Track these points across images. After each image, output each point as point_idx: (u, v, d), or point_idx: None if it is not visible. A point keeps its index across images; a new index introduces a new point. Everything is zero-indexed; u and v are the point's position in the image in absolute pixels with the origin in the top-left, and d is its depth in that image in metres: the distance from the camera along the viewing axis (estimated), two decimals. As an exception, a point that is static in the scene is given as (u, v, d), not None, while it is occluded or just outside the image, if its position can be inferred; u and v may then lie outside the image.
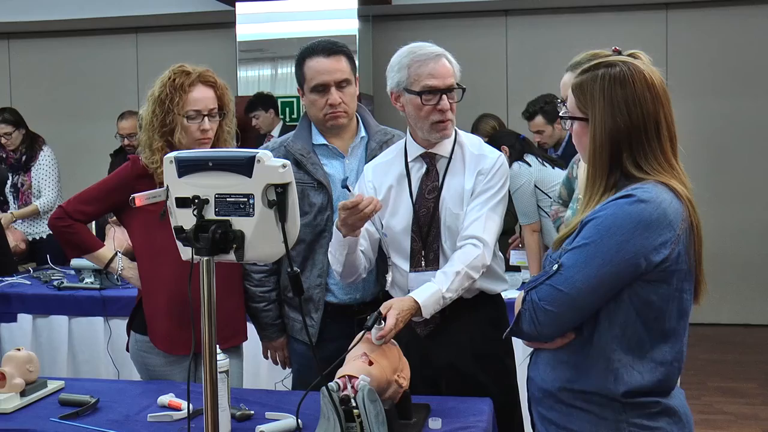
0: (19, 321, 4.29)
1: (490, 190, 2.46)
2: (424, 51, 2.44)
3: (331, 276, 2.68)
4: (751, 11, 6.98)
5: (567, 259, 1.68)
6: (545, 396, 1.78)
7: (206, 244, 1.57)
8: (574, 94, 1.78)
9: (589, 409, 1.71)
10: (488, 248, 2.39)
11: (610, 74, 1.72)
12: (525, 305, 1.72)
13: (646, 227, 1.62)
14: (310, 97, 2.68)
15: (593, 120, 1.73)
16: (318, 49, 2.66)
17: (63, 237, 2.74)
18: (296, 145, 2.71)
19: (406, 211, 2.51)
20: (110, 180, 2.75)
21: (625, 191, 1.67)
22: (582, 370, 1.71)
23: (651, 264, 1.63)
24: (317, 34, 6.47)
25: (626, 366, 1.67)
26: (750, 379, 5.50)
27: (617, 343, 1.67)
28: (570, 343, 1.73)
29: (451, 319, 2.48)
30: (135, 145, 5.25)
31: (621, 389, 1.67)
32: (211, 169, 1.63)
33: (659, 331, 1.68)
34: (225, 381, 2.08)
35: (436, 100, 2.42)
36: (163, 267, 2.60)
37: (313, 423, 2.04)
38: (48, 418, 2.26)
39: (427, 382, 2.51)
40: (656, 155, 1.70)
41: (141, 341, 2.72)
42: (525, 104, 5.09)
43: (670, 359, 1.70)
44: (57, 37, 8.10)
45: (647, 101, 1.70)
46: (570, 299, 1.65)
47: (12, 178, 5.43)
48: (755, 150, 6.90)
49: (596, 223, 1.66)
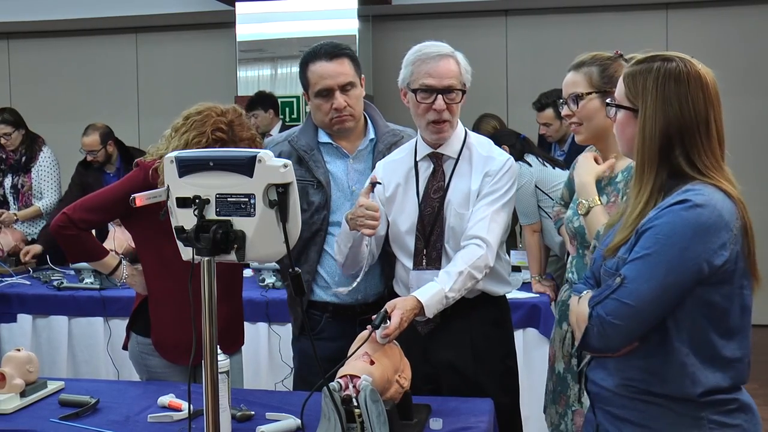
0: (19, 321, 4.29)
1: (497, 192, 2.45)
2: (429, 50, 2.44)
3: (332, 276, 2.68)
4: (751, 11, 6.97)
5: (629, 271, 1.67)
6: (616, 395, 1.77)
7: (207, 245, 1.57)
8: (626, 83, 1.77)
9: (669, 406, 1.71)
10: (491, 249, 2.38)
11: (666, 68, 1.72)
12: (592, 321, 1.71)
13: (705, 232, 1.62)
14: (315, 101, 2.66)
15: (643, 111, 1.72)
16: (321, 53, 2.64)
17: (67, 245, 2.69)
18: (300, 141, 2.71)
19: (412, 210, 2.51)
20: (119, 189, 2.65)
21: (678, 196, 1.66)
22: (657, 375, 1.71)
23: (713, 267, 1.64)
24: (317, 34, 6.46)
25: (700, 368, 1.67)
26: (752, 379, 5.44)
27: (688, 346, 1.68)
28: (639, 348, 1.73)
29: (452, 318, 2.48)
30: (100, 160, 5.20)
31: (698, 390, 1.68)
32: (212, 169, 1.62)
33: (725, 329, 1.69)
34: (225, 381, 2.07)
35: (431, 99, 2.41)
36: (173, 276, 2.55)
37: (313, 423, 2.03)
38: (48, 418, 2.25)
39: (427, 380, 2.51)
40: (707, 154, 1.70)
41: (143, 343, 2.71)
42: (525, 104, 5.09)
43: (740, 356, 1.71)
44: (56, 37, 8.08)
45: (700, 100, 1.70)
46: (637, 312, 1.65)
47: (12, 179, 5.41)
48: (756, 150, 6.89)
49: (655, 232, 1.65)
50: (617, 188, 2.33)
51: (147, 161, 2.62)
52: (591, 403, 1.88)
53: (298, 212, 1.63)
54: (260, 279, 4.26)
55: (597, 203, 2.28)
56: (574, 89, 2.39)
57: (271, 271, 4.20)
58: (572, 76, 2.41)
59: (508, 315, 2.64)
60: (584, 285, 1.88)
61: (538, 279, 4.02)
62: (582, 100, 2.36)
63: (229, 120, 2.58)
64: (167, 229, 2.52)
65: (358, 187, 2.67)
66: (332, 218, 2.67)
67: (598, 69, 2.36)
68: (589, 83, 2.36)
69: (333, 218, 2.67)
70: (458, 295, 2.32)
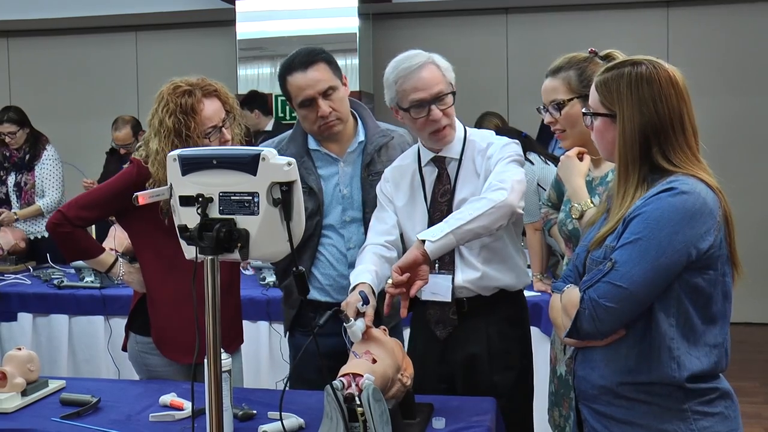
0: (19, 320, 4.28)
1: (503, 158, 2.39)
2: (407, 64, 2.39)
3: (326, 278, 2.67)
4: (751, 9, 6.97)
5: (620, 255, 1.71)
6: (602, 392, 1.81)
7: (210, 243, 1.56)
8: (599, 91, 1.83)
9: (652, 401, 1.75)
10: (512, 190, 2.25)
11: (637, 72, 1.78)
12: (584, 304, 1.74)
13: (692, 217, 1.68)
14: (301, 112, 2.63)
15: (621, 115, 1.78)
16: (295, 63, 2.60)
17: (63, 243, 2.68)
18: (289, 149, 2.67)
19: (421, 216, 2.48)
20: (112, 185, 2.67)
21: (664, 185, 1.72)
22: (643, 362, 1.75)
23: (700, 252, 1.69)
24: (317, 32, 6.46)
25: (685, 352, 1.73)
26: (752, 378, 5.49)
27: (674, 331, 1.73)
28: (626, 336, 1.77)
29: (469, 317, 2.45)
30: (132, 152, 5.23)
31: (684, 374, 1.72)
32: (216, 167, 1.62)
33: (708, 315, 1.75)
34: (227, 380, 2.06)
35: (425, 112, 2.39)
36: (171, 273, 2.57)
37: (314, 422, 2.03)
38: (49, 417, 2.24)
39: (444, 379, 2.49)
40: (683, 149, 1.77)
41: (142, 342, 2.70)
42: (526, 102, 5.08)
43: (721, 341, 1.77)
44: (56, 35, 8.07)
45: (672, 98, 1.77)
46: (629, 294, 1.69)
47: (15, 177, 5.42)
48: (756, 148, 6.89)
49: (643, 218, 1.70)
50: (608, 187, 2.32)
51: (136, 157, 2.64)
52: (576, 399, 1.91)
53: (302, 210, 1.62)
54: (261, 277, 4.25)
55: (589, 206, 2.26)
56: (554, 96, 2.36)
57: (272, 270, 4.19)
58: (550, 82, 2.38)
59: (525, 313, 2.59)
60: (563, 283, 1.91)
61: (540, 277, 4.00)
62: (564, 107, 2.34)
63: (180, 91, 2.57)
64: (164, 225, 2.53)
65: (348, 191, 2.66)
66: (325, 222, 2.66)
67: (576, 73, 2.33)
68: (569, 89, 2.33)
69: (326, 222, 2.66)
70: (465, 223, 2.18)
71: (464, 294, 2.44)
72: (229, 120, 2.65)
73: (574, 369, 1.91)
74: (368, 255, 2.40)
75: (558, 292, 1.90)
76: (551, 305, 1.93)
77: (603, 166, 2.38)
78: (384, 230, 2.48)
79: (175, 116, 2.53)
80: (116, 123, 5.73)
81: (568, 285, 1.87)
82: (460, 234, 2.18)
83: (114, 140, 5.73)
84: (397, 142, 2.71)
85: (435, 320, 2.48)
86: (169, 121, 2.53)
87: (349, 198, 2.66)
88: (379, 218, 2.52)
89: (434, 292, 2.41)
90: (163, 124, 2.54)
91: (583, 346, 1.86)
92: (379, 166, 2.65)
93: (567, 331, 1.80)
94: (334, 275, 2.66)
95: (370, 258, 2.38)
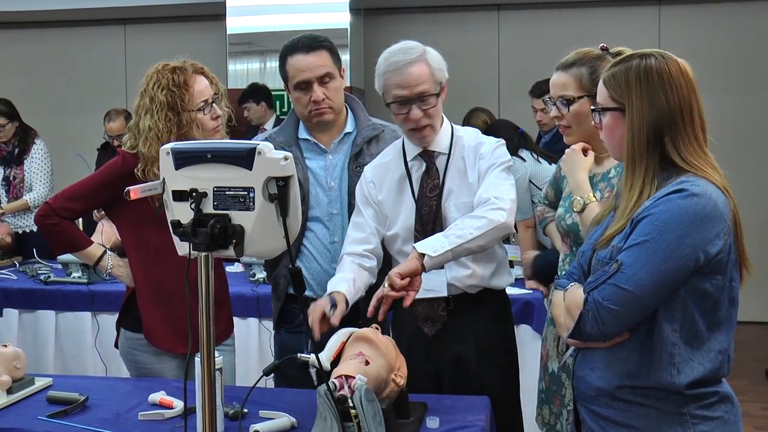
0: (5, 316, 4.24)
1: (495, 165, 2.42)
2: (397, 57, 2.38)
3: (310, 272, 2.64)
4: (742, 7, 7.00)
5: (626, 257, 1.68)
6: (601, 394, 1.79)
7: (204, 239, 1.53)
8: (607, 85, 1.80)
9: (650, 404, 1.73)
10: (510, 213, 2.31)
11: (646, 64, 1.76)
12: (587, 306, 1.71)
13: (701, 221, 1.65)
14: (295, 94, 2.65)
15: (630, 107, 1.75)
16: (298, 45, 2.62)
17: (50, 235, 2.67)
18: (279, 138, 2.69)
19: (408, 211, 2.47)
20: (99, 176, 2.67)
21: (674, 186, 1.69)
22: (643, 366, 1.73)
23: (708, 256, 1.66)
24: (308, 27, 6.40)
25: (686, 358, 1.70)
26: (741, 376, 5.51)
27: (677, 336, 1.70)
28: (629, 340, 1.74)
29: (455, 315, 2.46)
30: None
31: (684, 381, 1.70)
32: (210, 161, 1.59)
33: (714, 320, 1.72)
34: (219, 379, 2.03)
35: (405, 110, 2.38)
36: (159, 266, 2.56)
37: (307, 422, 2.01)
38: (36, 416, 2.20)
39: (430, 377, 2.49)
40: (691, 141, 1.74)
41: (132, 339, 2.68)
42: (517, 99, 5.08)
43: (726, 347, 1.74)
44: (43, 27, 8.00)
45: (683, 87, 1.75)
46: (635, 297, 1.66)
47: (4, 171, 5.38)
48: (748, 145, 6.91)
49: (652, 220, 1.67)
50: (611, 184, 2.31)
51: (123, 148, 2.64)
52: (575, 400, 1.89)
53: (298, 206, 1.60)
54: (250, 274, 4.22)
55: (592, 200, 2.25)
56: (563, 91, 2.34)
57: (261, 266, 4.16)
58: (560, 77, 2.36)
59: (509, 311, 2.62)
60: (567, 280, 1.88)
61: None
62: (573, 103, 2.32)
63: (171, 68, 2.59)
64: (153, 217, 2.50)
65: (336, 182, 2.65)
66: (311, 214, 2.65)
67: (588, 70, 2.31)
68: (579, 86, 2.32)
69: (311, 213, 2.65)
70: (465, 238, 2.23)
71: (452, 291, 2.46)
72: (217, 101, 2.66)
73: (574, 369, 1.90)
74: (347, 264, 2.41)
75: (561, 289, 1.87)
76: (554, 302, 1.92)
77: (605, 163, 2.37)
78: (362, 239, 2.47)
79: (168, 89, 2.55)
80: (109, 114, 5.72)
81: (572, 283, 1.84)
82: (458, 252, 2.25)
83: (107, 132, 5.70)
84: (388, 135, 2.70)
85: (423, 317, 2.48)
86: (161, 95, 2.54)
87: (336, 190, 2.66)
88: (357, 225, 2.50)
89: (428, 288, 2.39)
90: (155, 99, 2.55)
91: (585, 346, 1.84)
92: (368, 158, 2.65)
93: (570, 333, 1.78)
94: (317, 270, 2.64)
95: (349, 267, 2.40)
